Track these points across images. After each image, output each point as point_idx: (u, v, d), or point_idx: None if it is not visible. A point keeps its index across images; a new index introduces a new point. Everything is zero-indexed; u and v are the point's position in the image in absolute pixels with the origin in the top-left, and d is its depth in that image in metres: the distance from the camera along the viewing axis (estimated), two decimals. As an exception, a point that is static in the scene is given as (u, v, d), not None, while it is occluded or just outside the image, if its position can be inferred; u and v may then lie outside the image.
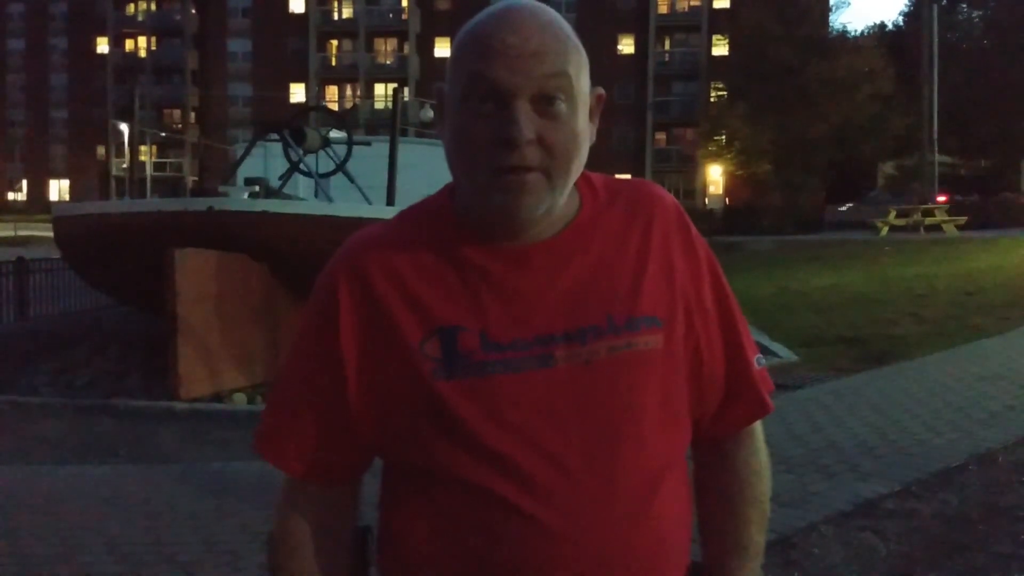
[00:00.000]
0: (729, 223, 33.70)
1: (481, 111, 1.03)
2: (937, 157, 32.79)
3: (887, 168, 36.49)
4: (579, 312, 1.07)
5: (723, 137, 40.29)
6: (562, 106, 1.04)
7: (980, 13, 45.52)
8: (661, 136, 53.55)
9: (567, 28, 1.07)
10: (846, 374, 7.92)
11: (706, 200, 42.26)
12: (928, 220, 27.33)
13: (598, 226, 1.12)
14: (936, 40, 32.51)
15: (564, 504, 1.02)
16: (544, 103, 1.03)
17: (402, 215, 1.17)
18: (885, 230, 27.06)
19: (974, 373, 7.62)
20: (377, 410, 1.08)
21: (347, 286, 1.09)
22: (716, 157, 41.05)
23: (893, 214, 28.08)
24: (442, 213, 1.13)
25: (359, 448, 1.13)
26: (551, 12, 1.07)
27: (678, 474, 1.14)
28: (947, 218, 27.29)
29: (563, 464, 1.02)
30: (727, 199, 39.52)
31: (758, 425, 1.29)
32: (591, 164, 1.13)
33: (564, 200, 1.09)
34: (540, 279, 1.07)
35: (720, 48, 50.79)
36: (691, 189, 48.58)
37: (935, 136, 32.25)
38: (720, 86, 46.31)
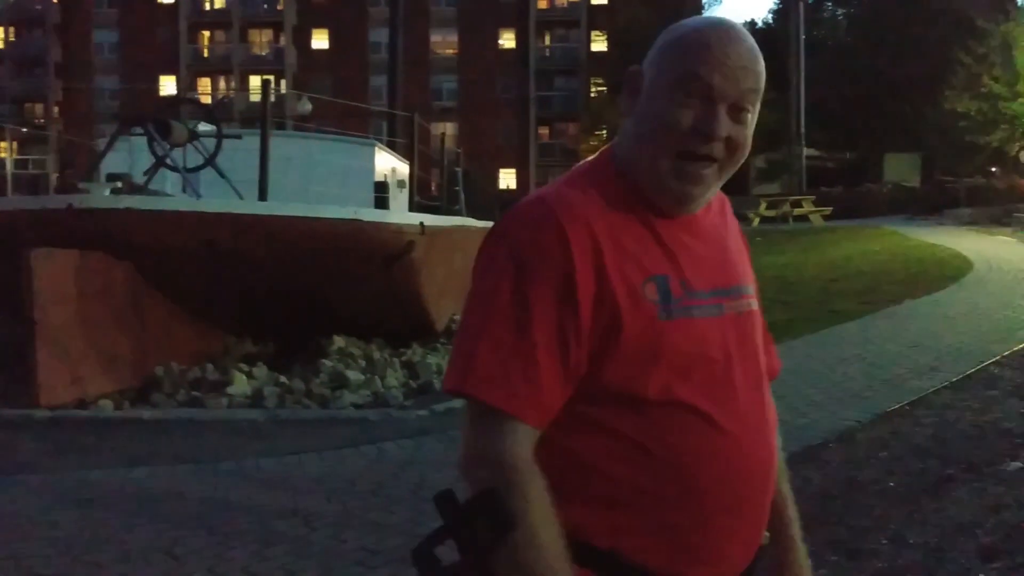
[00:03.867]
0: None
1: (686, 103, 1.23)
2: (805, 151, 34.23)
3: (758, 162, 37.83)
4: (729, 273, 1.33)
5: (604, 132, 40.97)
6: (748, 116, 1.27)
7: (844, 11, 47.66)
8: (544, 131, 54.03)
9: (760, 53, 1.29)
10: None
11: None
12: (796, 211, 28.48)
13: (712, 207, 1.36)
14: (802, 37, 33.91)
15: (743, 420, 1.26)
16: (737, 111, 1.25)
17: (570, 183, 1.29)
18: (757, 221, 28.07)
19: (835, 356, 7.98)
20: (603, 343, 1.20)
21: (575, 231, 1.20)
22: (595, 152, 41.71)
23: (764, 205, 29.16)
24: (612, 183, 1.28)
25: (573, 386, 1.22)
26: (751, 37, 1.29)
27: None
28: (814, 209, 28.51)
29: (738, 390, 1.27)
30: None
31: None
32: (475, 157, 1.20)
33: None
34: (705, 243, 1.31)
35: (599, 44, 51.62)
36: (574, 183, 49.23)
37: (802, 130, 33.66)
38: (600, 81, 47.06)
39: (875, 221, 25.64)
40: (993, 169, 31.53)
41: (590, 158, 1.36)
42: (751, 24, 50.14)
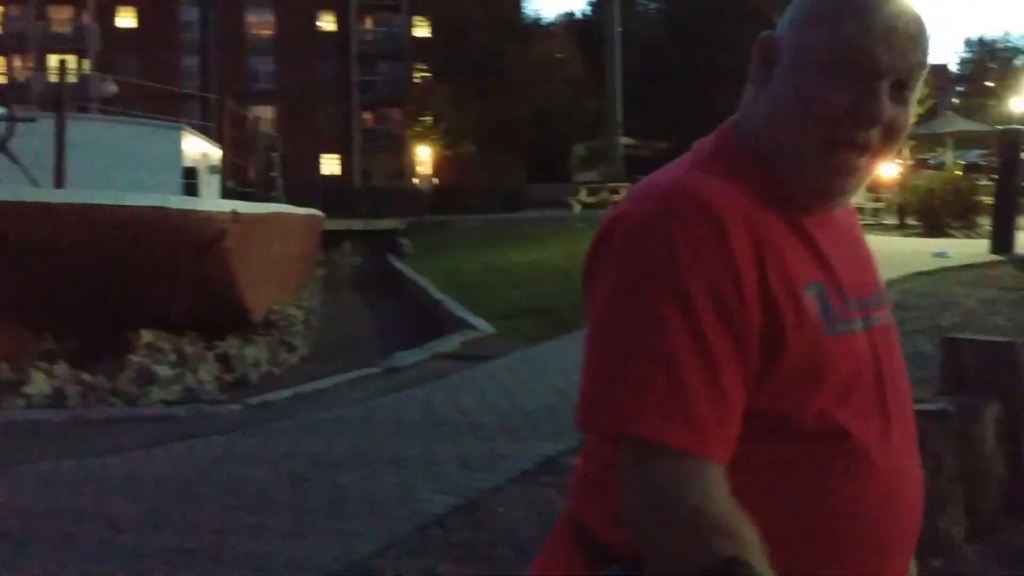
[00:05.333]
0: (438, 203, 34.38)
1: (840, 80, 1.01)
2: (622, 139, 35.46)
3: (579, 150, 38.89)
4: (869, 279, 1.13)
5: (429, 118, 40.94)
6: (911, 95, 1.05)
7: (656, 5, 49.61)
8: (368, 116, 53.36)
9: None
10: (539, 343, 8.36)
11: (415, 180, 42.83)
12: (615, 197, 29.49)
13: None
14: (619, 30, 35.06)
15: (898, 454, 1.06)
16: (900, 88, 1.03)
17: (703, 167, 1.06)
18: (578, 207, 28.89)
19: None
20: (764, 362, 0.99)
21: (735, 226, 0.98)
22: (423, 138, 41.65)
23: (584, 192, 30.04)
24: (745, 170, 1.06)
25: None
26: None
27: None
28: (632, 195, 29.58)
29: (891, 419, 1.07)
30: (436, 179, 40.27)
31: None
32: (295, 142, 1.07)
33: None
34: (845, 244, 1.11)
35: (422, 29, 51.43)
36: (400, 169, 48.95)
37: (620, 119, 34.85)
38: (423, 67, 46.95)
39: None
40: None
41: (709, 138, 1.13)
42: (569, 15, 51.38)
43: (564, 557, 1.10)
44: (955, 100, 48.98)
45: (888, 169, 25.28)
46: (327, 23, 52.27)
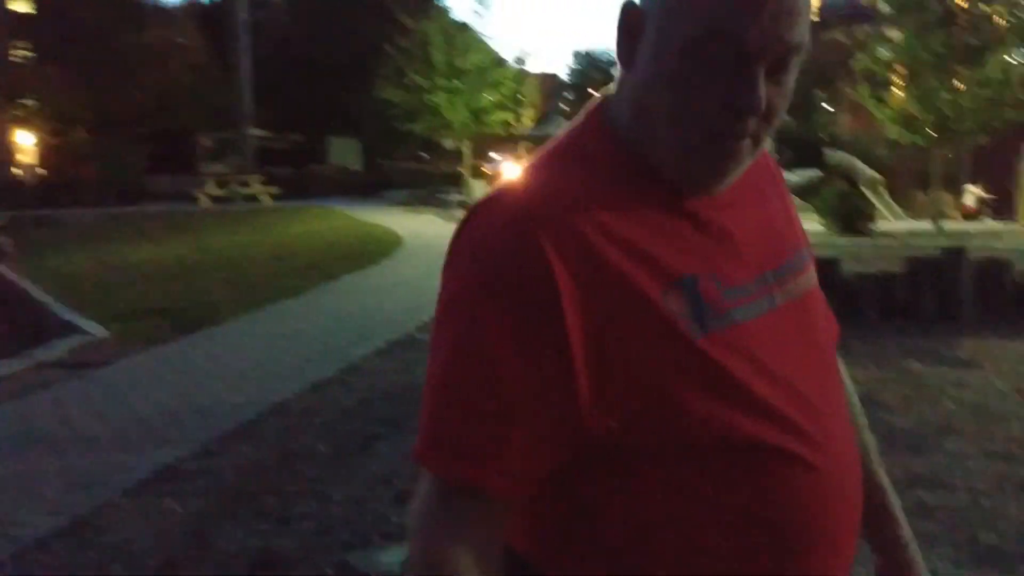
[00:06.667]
0: (45, 196, 31.04)
1: (711, 66, 0.88)
2: (253, 131, 34.44)
3: (206, 140, 37.13)
4: (776, 249, 1.02)
5: (32, 102, 36.81)
6: (790, 75, 0.92)
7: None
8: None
9: None
10: (158, 345, 7.85)
11: (17, 171, 38.22)
12: (245, 191, 28.59)
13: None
14: (246, 18, 33.95)
15: (824, 445, 0.95)
16: (777, 69, 0.90)
17: (554, 166, 0.97)
18: (205, 201, 27.59)
19: (277, 331, 8.18)
20: (616, 387, 0.88)
21: (558, 252, 0.87)
22: (25, 123, 37.35)
23: (212, 184, 28.77)
24: (612, 158, 0.96)
25: (573, 445, 0.91)
26: None
27: None
28: (263, 189, 28.89)
29: (812, 404, 0.96)
30: (43, 170, 36.27)
31: None
32: None
33: None
34: (741, 220, 0.99)
35: (22, 4, 46.04)
36: (-3, 158, 43.47)
37: (250, 110, 33.80)
38: (25, 45, 42.07)
39: (322, 202, 26.83)
40: (423, 154, 34.91)
41: (577, 122, 1.01)
42: (193, 1, 48.84)
43: None
44: (567, 107, 53.62)
45: (511, 169, 27.08)
46: None
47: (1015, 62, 20.84)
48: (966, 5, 18.94)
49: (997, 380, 5.93)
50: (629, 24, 0.94)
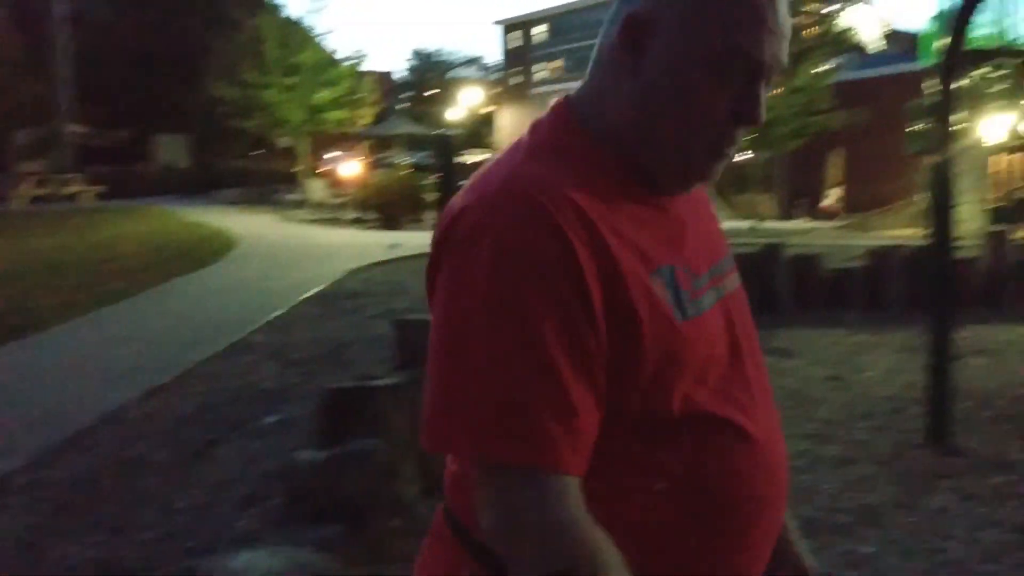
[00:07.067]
0: None
1: (726, 83, 0.99)
2: (73, 127, 32.55)
3: (20, 137, 34.78)
4: (715, 247, 1.12)
5: None
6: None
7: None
8: None
9: None
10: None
11: None
12: (65, 190, 27.03)
13: None
14: (65, 8, 32.04)
15: (761, 423, 1.06)
16: (766, 85, 1.02)
17: (537, 158, 1.00)
18: (20, 201, 25.91)
19: (106, 337, 7.82)
20: (621, 359, 0.95)
21: (575, 233, 0.92)
22: None
23: (30, 183, 27.04)
24: (590, 154, 1.02)
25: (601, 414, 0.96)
26: None
27: None
28: (85, 188, 27.39)
29: (751, 384, 1.07)
30: None
31: None
32: None
33: None
34: (694, 219, 1.09)
35: None
36: None
37: (69, 106, 31.91)
38: None
39: (148, 201, 25.67)
40: (258, 152, 33.97)
41: (545, 120, 1.06)
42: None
43: (445, 550, 1.05)
44: (406, 105, 53.40)
45: (348, 168, 26.83)
46: None
47: (823, 70, 22.40)
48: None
49: (812, 367, 6.42)
50: (637, 36, 1.01)
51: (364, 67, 30.28)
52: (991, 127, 19.13)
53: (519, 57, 68.59)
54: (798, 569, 1.19)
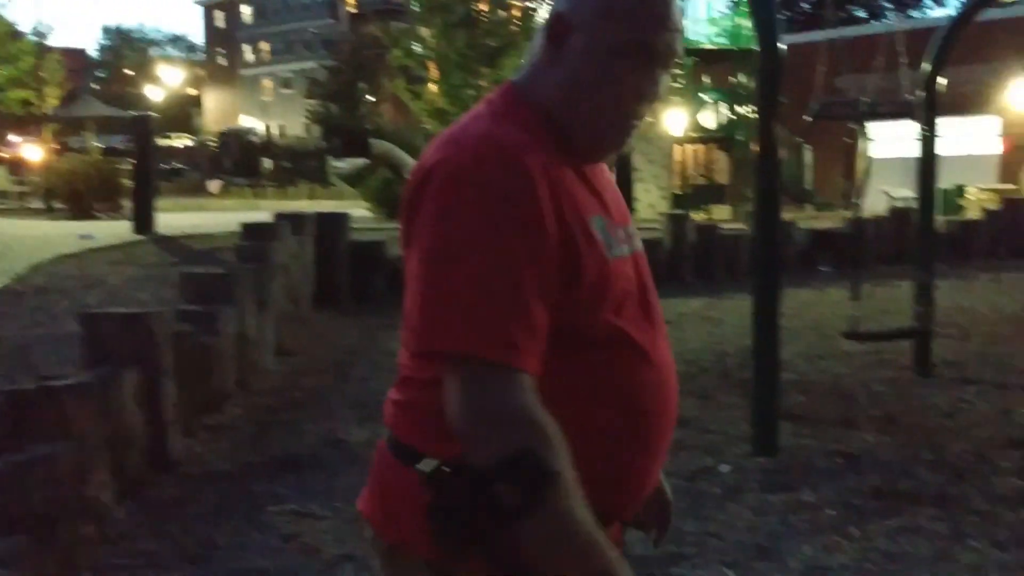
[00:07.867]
0: None
1: (634, 70, 1.23)
2: None
3: None
4: (622, 211, 1.34)
5: None
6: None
7: None
8: None
9: None
10: None
11: None
12: None
13: None
14: None
15: (661, 352, 1.30)
16: (665, 71, 1.28)
17: (498, 123, 1.22)
18: None
19: None
20: (566, 286, 1.16)
21: (537, 171, 1.15)
22: None
23: None
24: (534, 126, 1.23)
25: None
26: None
27: None
28: None
29: (654, 323, 1.31)
30: None
31: None
32: None
33: None
34: (607, 185, 1.33)
35: None
36: None
37: None
38: None
39: None
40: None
41: (495, 96, 1.30)
42: None
43: (397, 476, 1.22)
44: (96, 85, 49.35)
45: (32, 152, 24.41)
46: None
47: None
48: (487, 8, 20.91)
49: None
50: (557, 31, 1.26)
51: (51, 43, 27.68)
52: (674, 121, 21.04)
53: (227, 38, 65.80)
54: (662, 495, 1.45)
